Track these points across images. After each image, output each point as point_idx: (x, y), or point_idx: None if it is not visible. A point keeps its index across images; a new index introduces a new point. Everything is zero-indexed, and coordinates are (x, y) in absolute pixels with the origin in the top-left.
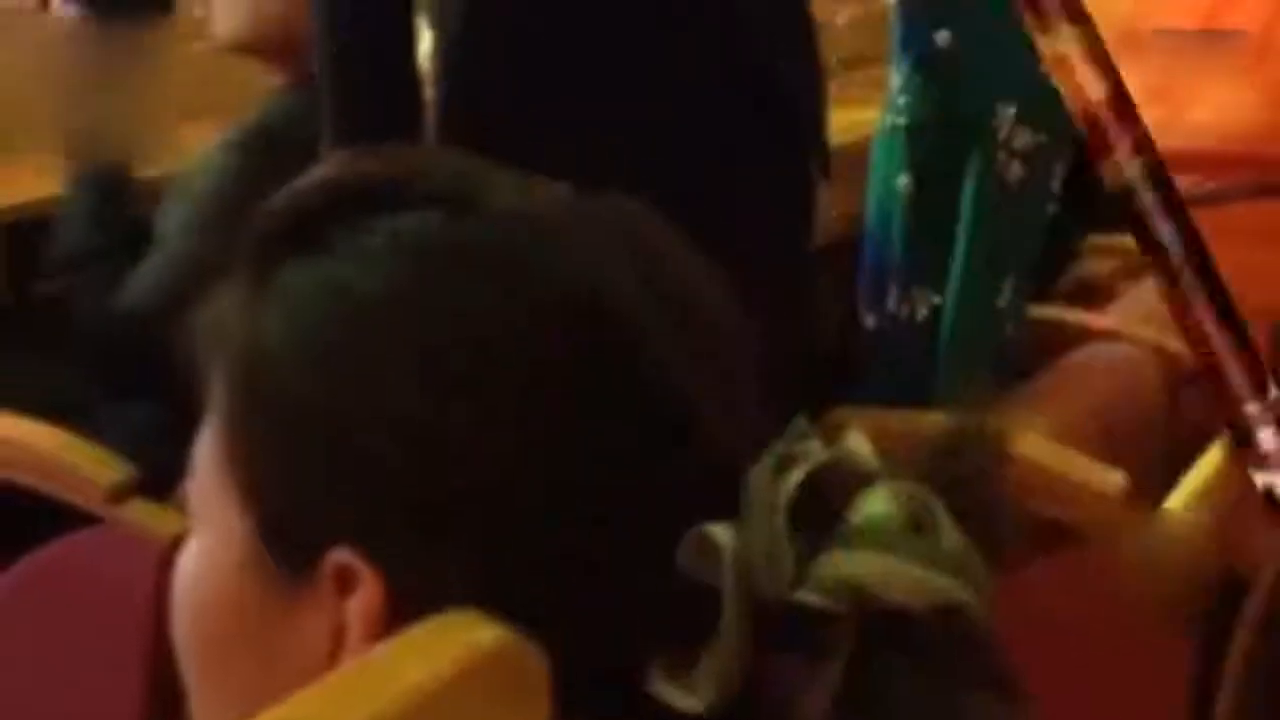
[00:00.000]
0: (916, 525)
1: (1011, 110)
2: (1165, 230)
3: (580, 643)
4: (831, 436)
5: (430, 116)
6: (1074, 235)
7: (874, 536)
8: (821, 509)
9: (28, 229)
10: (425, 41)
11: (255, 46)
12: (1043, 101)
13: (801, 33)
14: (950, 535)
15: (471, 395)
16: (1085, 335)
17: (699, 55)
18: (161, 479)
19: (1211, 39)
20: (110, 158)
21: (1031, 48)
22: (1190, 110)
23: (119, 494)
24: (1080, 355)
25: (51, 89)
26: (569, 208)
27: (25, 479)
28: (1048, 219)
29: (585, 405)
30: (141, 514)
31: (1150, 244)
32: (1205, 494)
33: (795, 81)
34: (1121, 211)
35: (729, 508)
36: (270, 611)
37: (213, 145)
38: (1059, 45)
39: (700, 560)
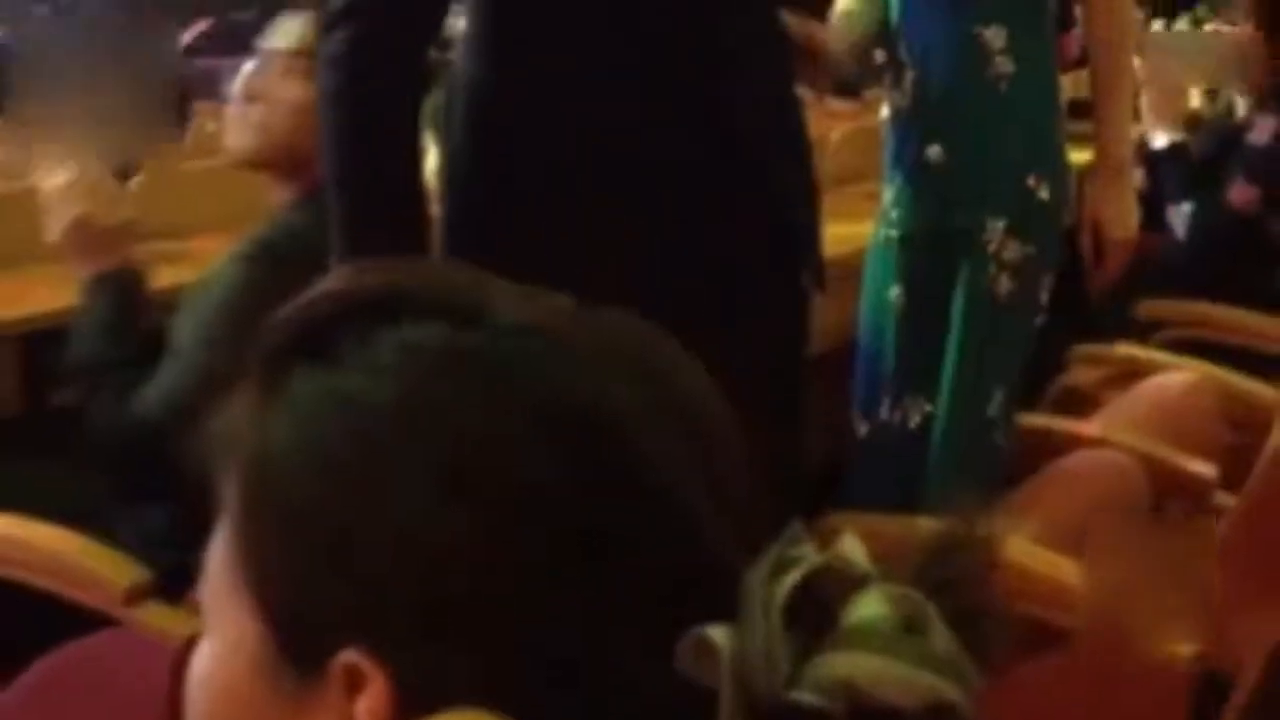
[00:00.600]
0: (908, 627)
1: (1001, 224)
2: None
3: None
4: (826, 540)
5: (436, 231)
6: (1061, 345)
7: (867, 637)
8: (817, 611)
9: (43, 339)
10: (431, 158)
11: (265, 162)
12: (1032, 215)
13: (798, 148)
14: (941, 637)
15: (474, 502)
16: (1073, 442)
17: (700, 169)
18: (175, 581)
19: None
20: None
21: (1020, 163)
22: None
23: (135, 596)
24: (1068, 462)
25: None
26: (571, 320)
27: (41, 581)
28: (1036, 330)
29: (586, 513)
30: (156, 616)
31: None
32: None
33: (791, 195)
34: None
35: (727, 610)
36: (281, 711)
37: (224, 257)
38: None
39: (698, 661)
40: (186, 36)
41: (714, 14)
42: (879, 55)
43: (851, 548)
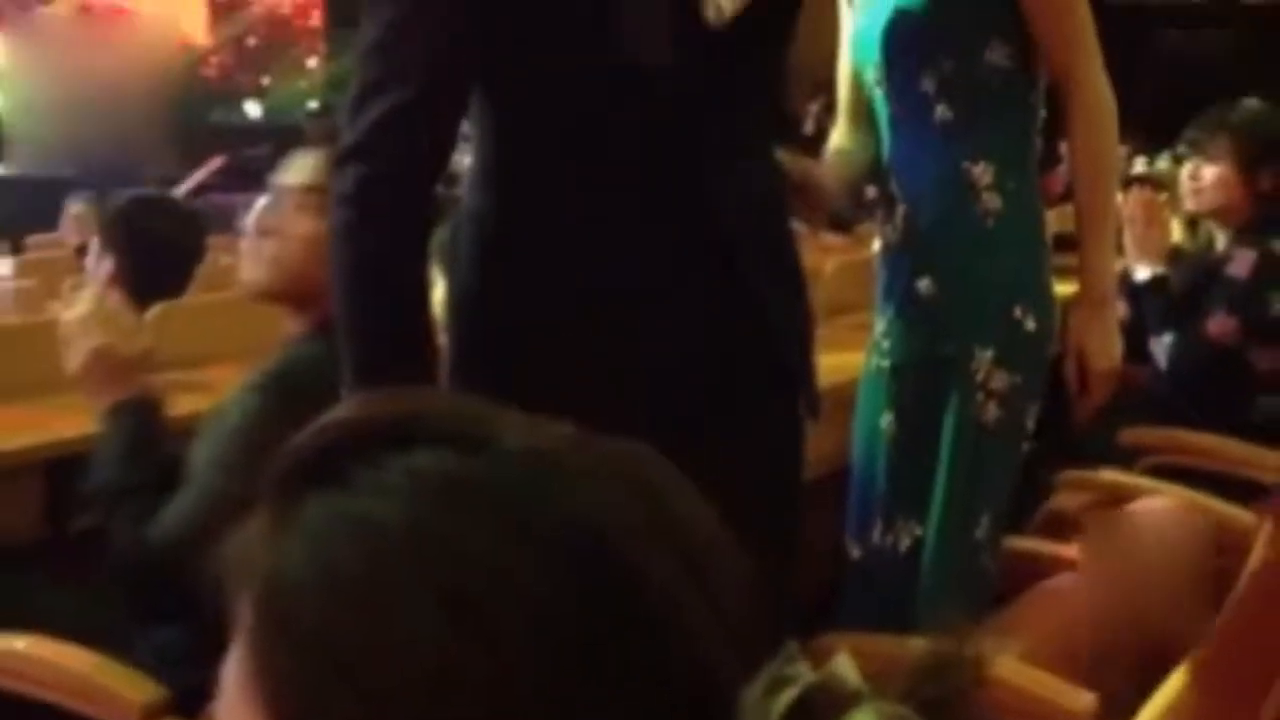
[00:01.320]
0: None
1: (989, 354)
2: None
3: None
4: (820, 659)
5: (442, 361)
6: (1047, 471)
7: None
8: None
9: (64, 466)
10: (438, 289)
11: (278, 294)
12: (1018, 345)
13: (793, 281)
14: None
15: (479, 622)
16: (1057, 565)
17: (700, 300)
18: (191, 700)
19: None
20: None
21: (1007, 295)
22: None
23: (152, 714)
24: (1052, 583)
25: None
26: (574, 446)
27: (61, 699)
28: (1023, 455)
29: (589, 633)
30: None
31: None
32: (1170, 715)
33: (788, 326)
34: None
35: None
36: None
37: (239, 386)
38: None
39: None
40: (202, 173)
41: (712, 153)
42: (871, 191)
43: (845, 666)
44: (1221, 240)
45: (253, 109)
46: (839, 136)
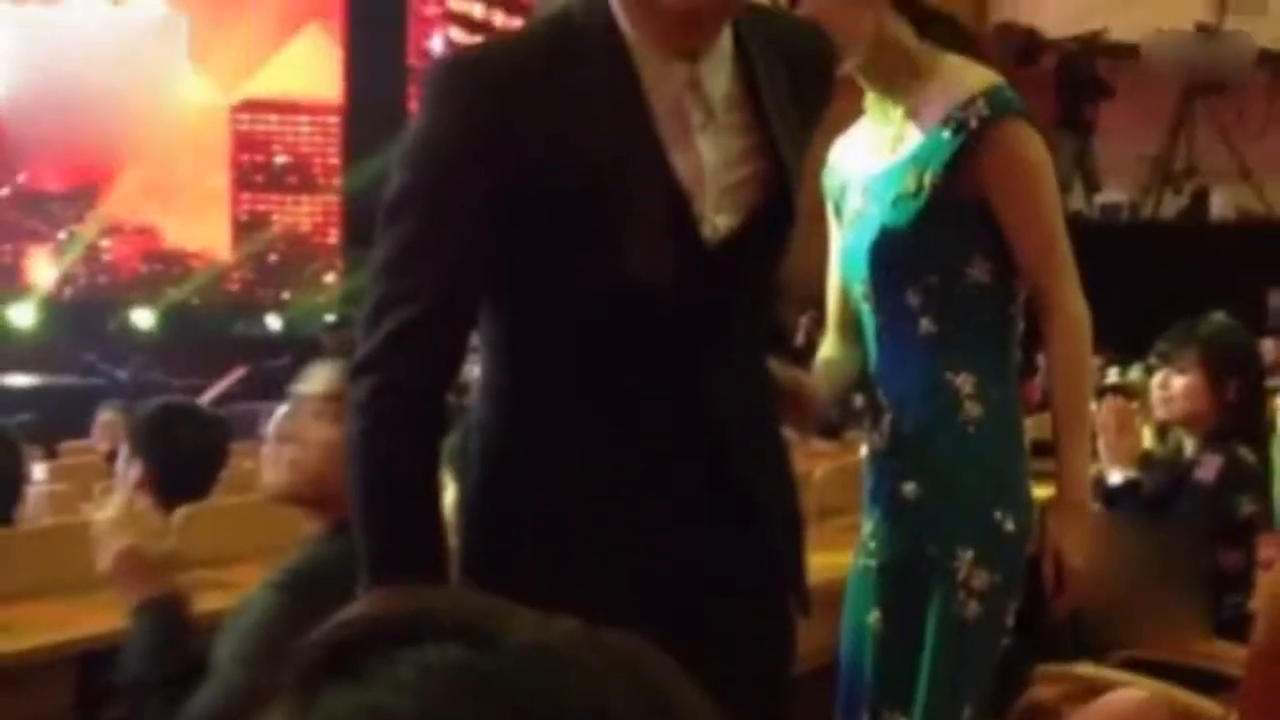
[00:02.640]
0: None
1: (970, 554)
2: None
3: None
4: None
5: (454, 561)
6: (1025, 665)
7: None
8: None
9: (96, 660)
10: (449, 493)
11: (297, 497)
12: (998, 546)
13: (785, 485)
14: None
15: None
16: None
17: (696, 504)
18: None
19: None
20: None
21: (988, 499)
22: None
23: None
24: None
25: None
26: (578, 642)
27: None
28: (1001, 651)
29: None
30: None
31: None
32: None
33: (780, 528)
34: None
35: None
36: None
37: (260, 584)
38: None
39: None
40: (226, 382)
41: (708, 363)
42: (858, 400)
43: None
44: (1190, 446)
45: (273, 322)
46: (828, 347)
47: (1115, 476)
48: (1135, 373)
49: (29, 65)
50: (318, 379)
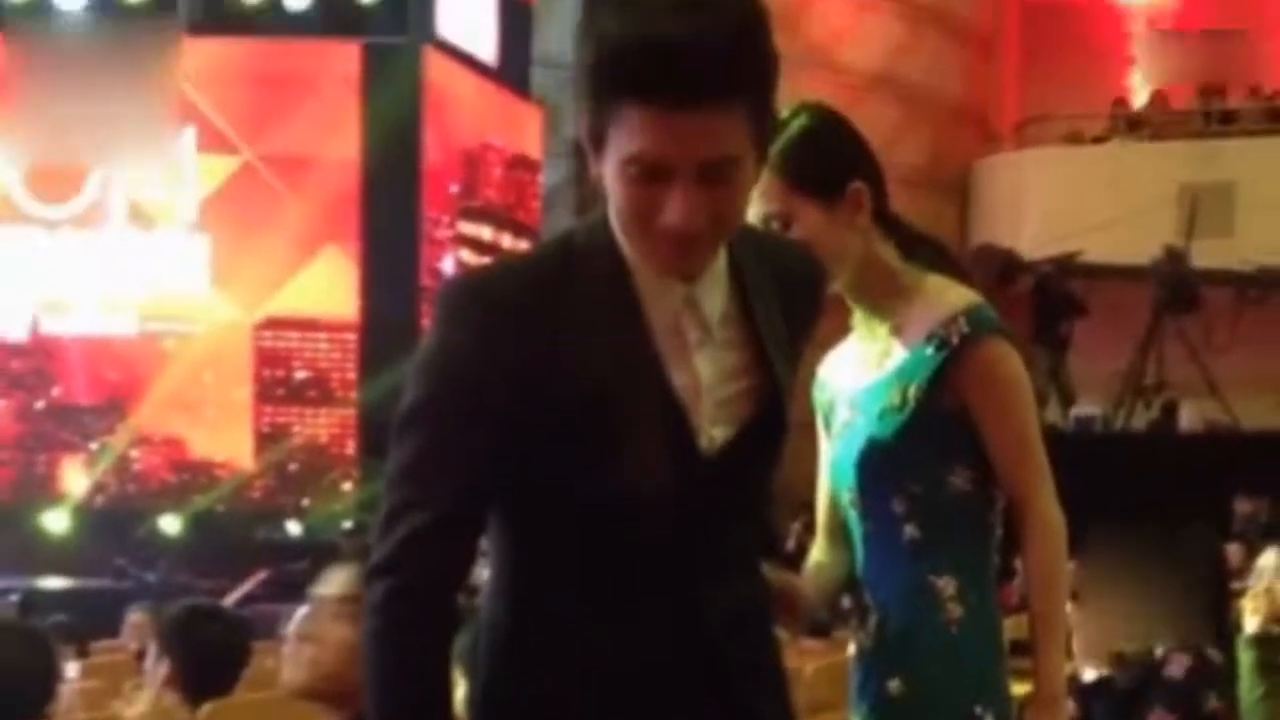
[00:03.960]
0: None
1: None
2: None
3: None
4: None
5: None
6: None
7: None
8: None
9: None
10: (460, 690)
11: (316, 693)
12: None
13: (777, 683)
14: None
15: None
16: None
17: (692, 703)
18: None
19: None
20: None
21: (969, 695)
22: None
23: None
24: None
25: None
26: None
27: None
28: None
29: None
30: None
31: None
32: None
33: None
34: None
35: None
36: None
37: None
38: None
39: None
40: (248, 584)
41: (705, 567)
42: (846, 601)
43: None
44: (1160, 648)
45: (293, 527)
46: (818, 552)
47: (1089, 674)
48: None
49: (64, 285)
50: (335, 581)
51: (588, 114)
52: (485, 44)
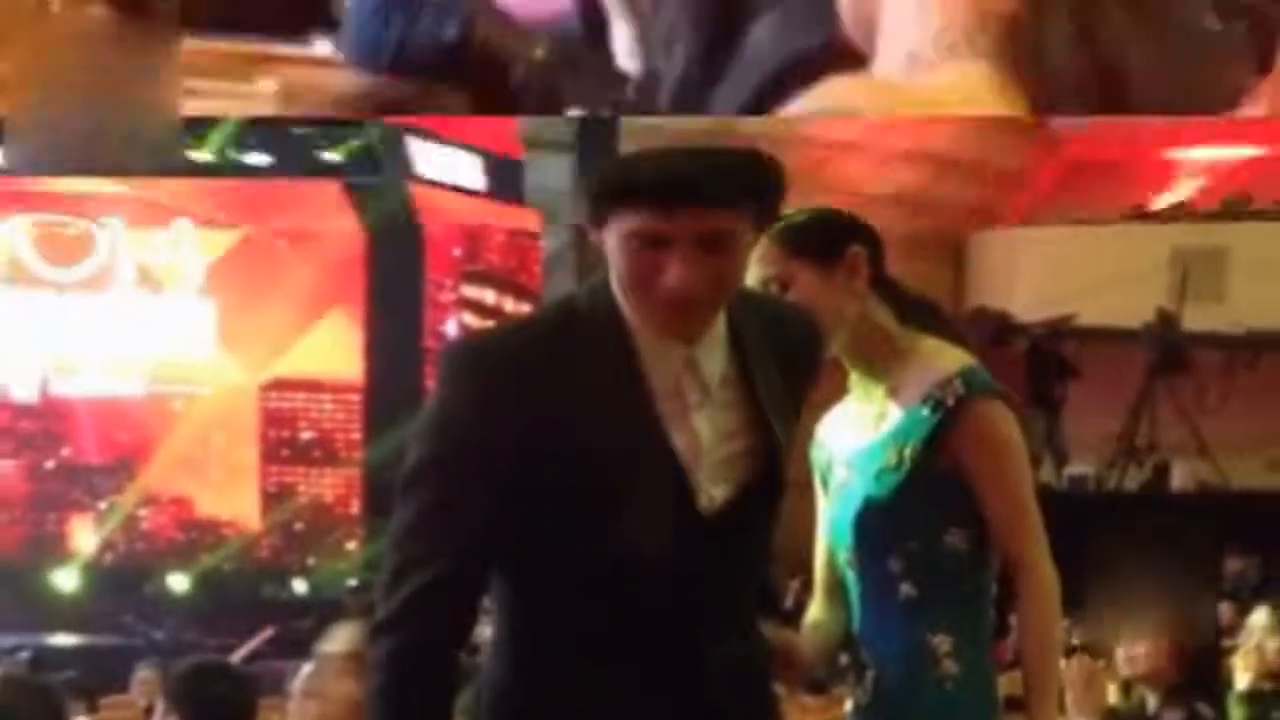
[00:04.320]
0: None
1: None
2: None
3: None
4: None
5: None
6: None
7: None
8: None
9: None
10: None
11: None
12: None
13: None
14: None
15: None
16: None
17: None
18: None
19: None
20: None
21: None
22: None
23: None
24: None
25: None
26: None
27: None
28: None
29: None
30: None
31: None
32: None
33: None
34: None
35: None
36: None
37: None
38: None
39: None
40: (255, 642)
41: (705, 626)
42: (843, 659)
43: None
44: (1152, 702)
45: (299, 585)
46: (816, 610)
47: None
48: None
49: (73, 348)
50: (340, 639)
51: (590, 215)
52: (471, 181)
